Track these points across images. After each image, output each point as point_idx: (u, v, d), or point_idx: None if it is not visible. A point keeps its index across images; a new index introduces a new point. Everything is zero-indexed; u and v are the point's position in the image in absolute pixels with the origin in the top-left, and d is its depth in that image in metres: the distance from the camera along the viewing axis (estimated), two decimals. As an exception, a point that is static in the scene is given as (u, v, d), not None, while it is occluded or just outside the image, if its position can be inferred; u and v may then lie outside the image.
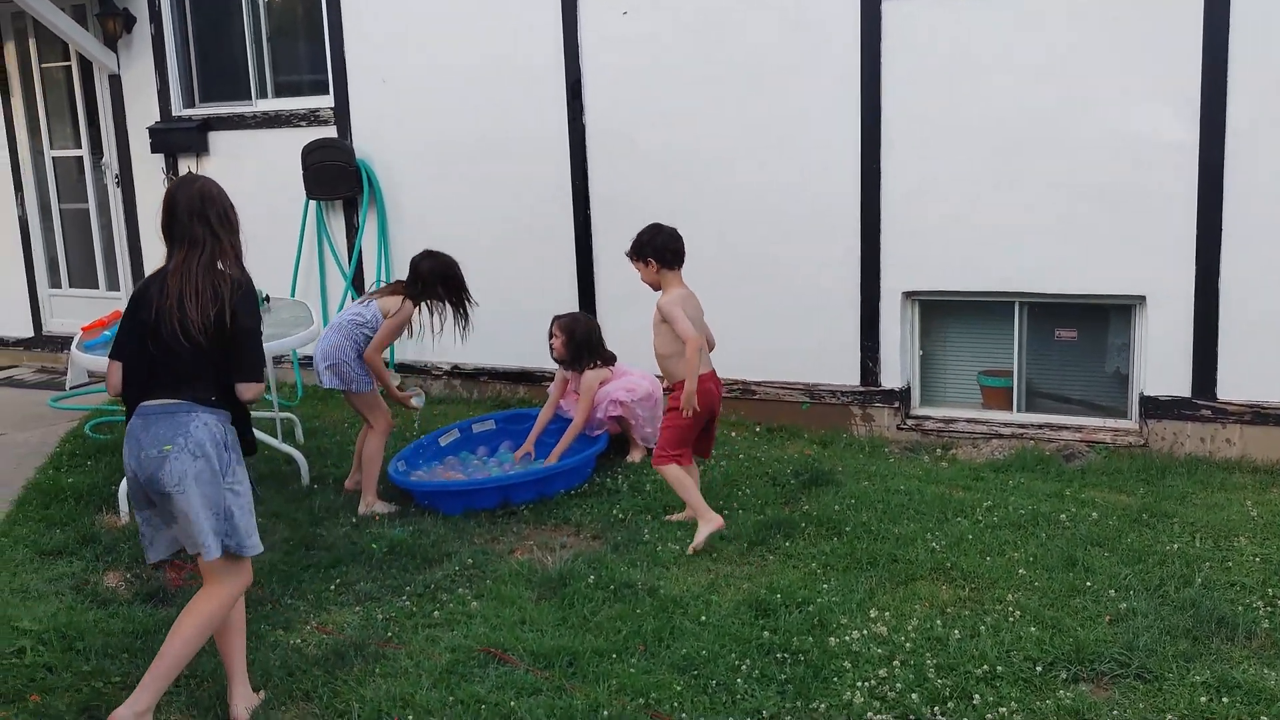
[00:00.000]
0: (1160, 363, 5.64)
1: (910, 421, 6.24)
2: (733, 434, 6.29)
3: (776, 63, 6.17)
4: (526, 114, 6.86)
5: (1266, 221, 5.31)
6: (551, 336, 5.86)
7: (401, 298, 5.37)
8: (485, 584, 4.40)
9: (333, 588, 4.46)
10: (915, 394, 6.33)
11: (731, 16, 6.23)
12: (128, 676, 3.78)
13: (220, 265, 3.39)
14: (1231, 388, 5.48)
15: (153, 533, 3.57)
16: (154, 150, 8.16)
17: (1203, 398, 5.55)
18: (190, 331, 3.32)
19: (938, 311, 6.27)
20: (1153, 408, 5.68)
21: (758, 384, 6.53)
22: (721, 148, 6.37)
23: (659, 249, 4.74)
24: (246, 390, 3.44)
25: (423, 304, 5.41)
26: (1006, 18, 5.69)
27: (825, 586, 4.22)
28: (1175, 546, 4.45)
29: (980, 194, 5.85)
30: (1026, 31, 5.66)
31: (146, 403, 3.44)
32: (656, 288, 4.81)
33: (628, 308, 6.13)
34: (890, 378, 6.22)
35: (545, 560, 4.55)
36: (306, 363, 7.79)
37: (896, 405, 6.22)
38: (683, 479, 4.76)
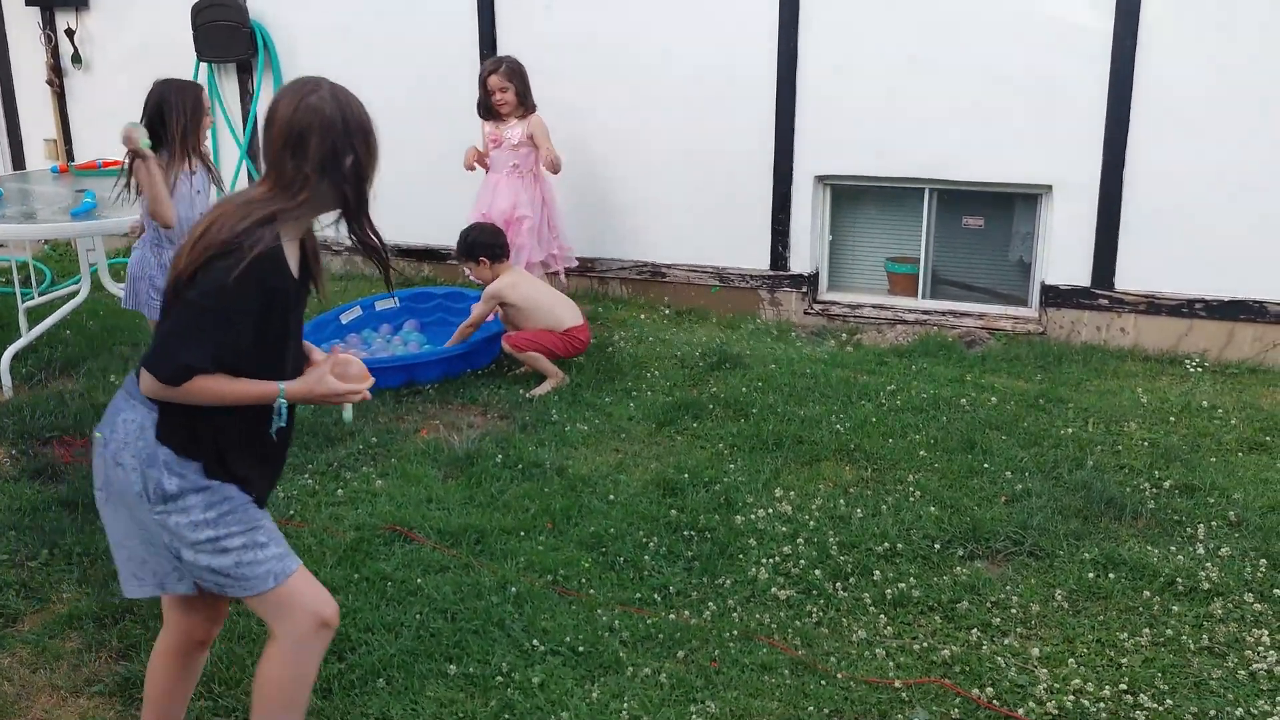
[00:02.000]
0: (1062, 252, 5.73)
1: (818, 306, 6.27)
2: (642, 316, 6.26)
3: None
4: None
5: (1173, 115, 5.37)
6: (491, 92, 5.77)
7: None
8: (390, 462, 4.33)
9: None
10: (824, 279, 6.35)
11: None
12: (15, 555, 3.65)
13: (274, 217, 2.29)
14: (1129, 279, 5.61)
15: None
16: (29, 3, 7.60)
17: (1101, 288, 5.67)
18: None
19: (848, 197, 6.26)
20: (1053, 296, 5.79)
21: (668, 266, 6.47)
22: (633, 24, 6.17)
23: (488, 245, 5.26)
24: (141, 380, 2.28)
25: None
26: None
27: (732, 466, 4.25)
28: (1069, 431, 4.59)
29: (895, 78, 5.79)
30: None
31: None
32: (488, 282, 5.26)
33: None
34: (799, 262, 6.22)
35: (452, 439, 4.50)
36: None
37: (805, 290, 6.24)
38: (536, 356, 5.10)
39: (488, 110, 5.83)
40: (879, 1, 5.74)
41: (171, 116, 4.29)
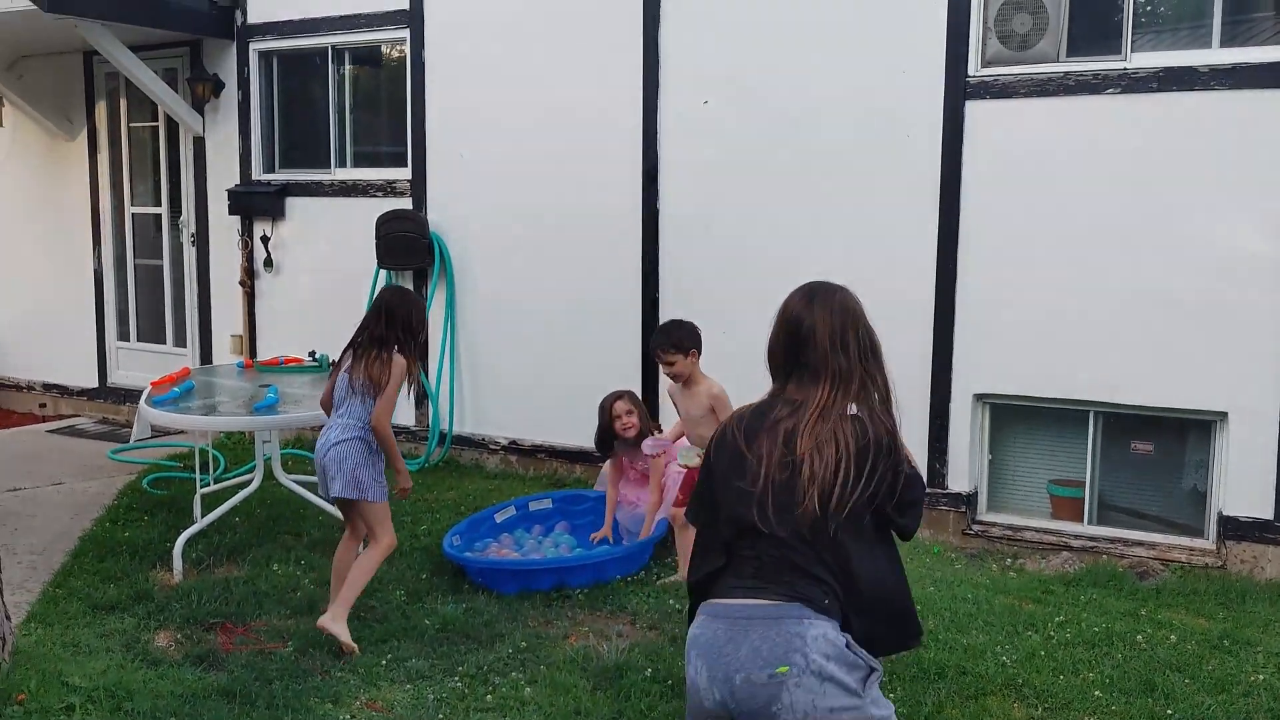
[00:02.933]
0: (1241, 482, 5.46)
1: (977, 527, 6.08)
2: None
3: (854, 160, 6.17)
4: (603, 194, 6.91)
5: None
6: (617, 417, 5.64)
7: (387, 356, 4.55)
8: (539, 669, 4.29)
9: (384, 663, 4.37)
10: (983, 499, 6.18)
11: (810, 111, 6.26)
12: (175, 742, 3.71)
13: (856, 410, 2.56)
14: (1317, 512, 5.30)
15: None
16: (231, 212, 8.32)
17: (1286, 521, 5.35)
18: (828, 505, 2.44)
19: (1008, 416, 6.15)
20: (1232, 528, 5.48)
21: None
22: (794, 244, 6.34)
23: (697, 338, 5.15)
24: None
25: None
26: (1089, 122, 5.65)
27: (892, 696, 4.05)
28: (1261, 678, 4.25)
29: (1058, 299, 5.76)
30: (1111, 134, 5.61)
31: (729, 601, 2.50)
32: (681, 378, 5.15)
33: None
34: (958, 481, 6.08)
35: (600, 649, 4.44)
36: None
37: (963, 509, 6.07)
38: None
39: (610, 439, 5.74)
40: (1042, 219, 5.77)
41: (414, 323, 4.64)
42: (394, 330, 4.58)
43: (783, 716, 2.37)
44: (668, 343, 5.12)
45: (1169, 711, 3.95)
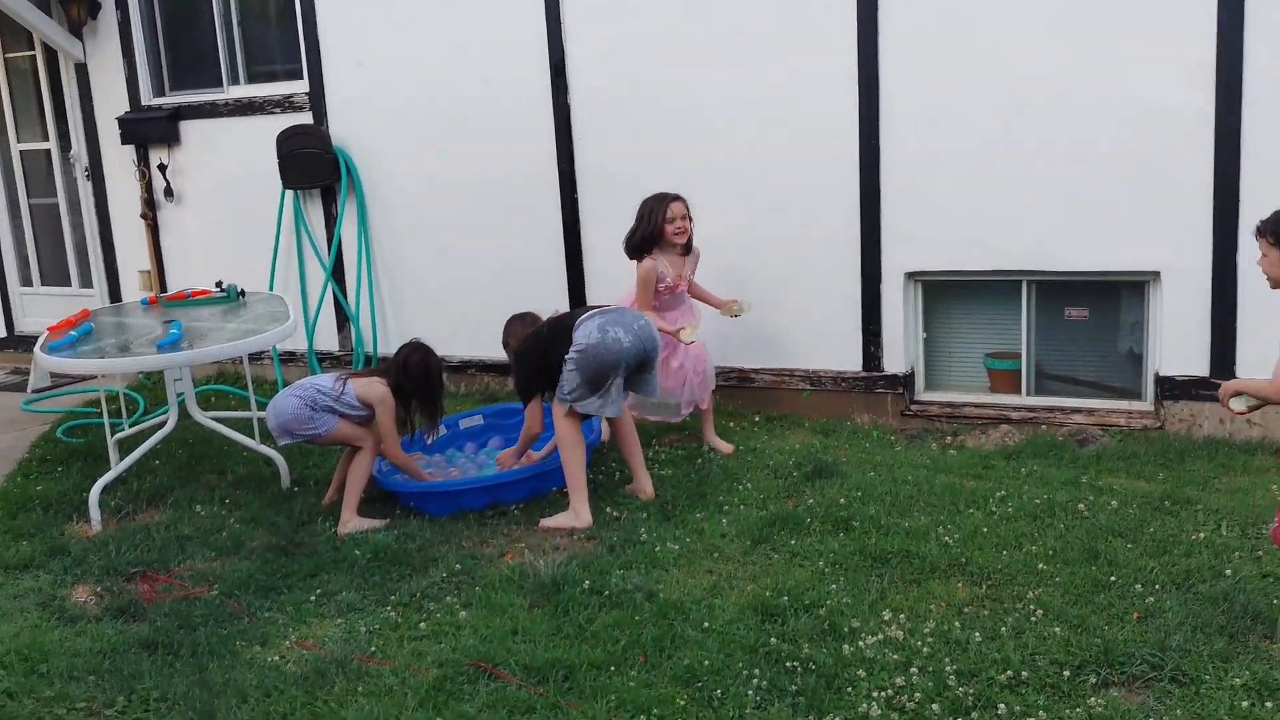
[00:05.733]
0: (1176, 341, 5.41)
1: (915, 407, 6.01)
2: (731, 424, 6.05)
3: (768, 26, 5.89)
4: (511, 91, 6.59)
5: (1270, 195, 5.07)
6: (673, 219, 5.41)
7: (385, 386, 5.04)
8: (474, 591, 4.15)
9: (313, 598, 4.21)
10: (920, 379, 6.09)
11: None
12: (93, 701, 3.54)
13: None
14: (1253, 365, 5.23)
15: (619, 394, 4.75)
16: (124, 141, 7.87)
17: (1222, 377, 5.29)
18: None
19: (941, 292, 6.03)
20: (1169, 388, 5.45)
21: (755, 371, 6.28)
22: (717, 123, 6.10)
23: None
24: None
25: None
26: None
27: (834, 587, 3.98)
28: (1201, 535, 4.23)
29: (984, 167, 5.60)
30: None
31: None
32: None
33: (618, 288, 5.85)
34: (894, 362, 5.98)
35: (537, 565, 4.30)
36: (287, 359, 7.54)
37: (900, 391, 5.98)
38: None
39: (653, 244, 5.44)
40: (965, 86, 5.57)
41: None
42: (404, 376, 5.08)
43: None
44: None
45: (1112, 578, 3.91)
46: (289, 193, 7.35)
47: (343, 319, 7.38)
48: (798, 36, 5.85)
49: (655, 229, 5.40)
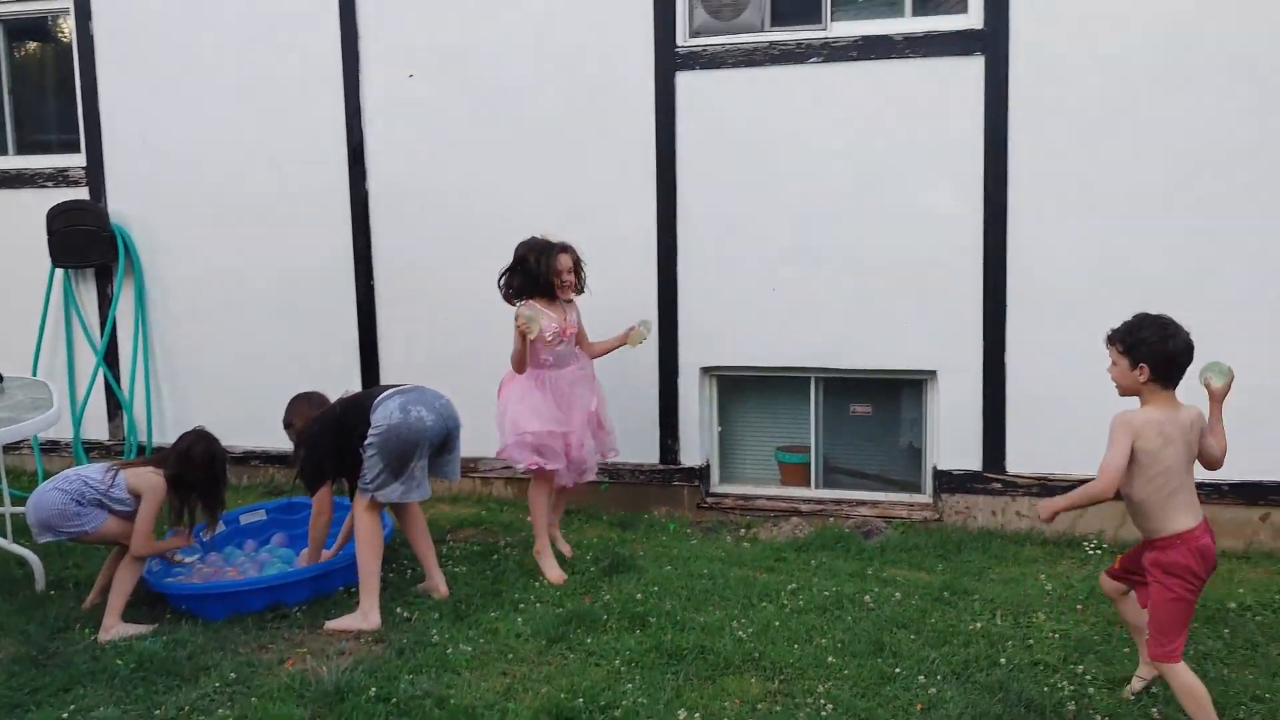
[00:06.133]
0: (952, 437, 5.69)
1: (710, 500, 6.08)
2: (527, 519, 5.95)
3: (572, 133, 6.00)
4: (306, 175, 6.43)
5: (1043, 299, 5.46)
6: (560, 272, 5.05)
7: (159, 475, 4.67)
8: (250, 703, 3.86)
9: (66, 715, 3.83)
10: (715, 471, 6.19)
11: (523, 84, 6.04)
12: None
13: None
14: (1020, 461, 5.58)
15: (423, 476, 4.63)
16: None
17: (993, 471, 5.62)
18: None
19: (736, 387, 6.17)
20: (946, 482, 5.71)
21: (554, 464, 6.23)
22: (522, 215, 6.11)
23: (1161, 357, 3.43)
24: None
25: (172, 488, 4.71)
26: (797, 91, 5.71)
27: (630, 686, 3.92)
28: (978, 625, 4.40)
29: (777, 270, 5.81)
30: (818, 103, 5.69)
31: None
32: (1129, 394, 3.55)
33: (414, 379, 5.70)
34: (690, 455, 6.05)
35: (320, 671, 4.06)
36: (50, 449, 6.99)
37: (696, 483, 6.05)
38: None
39: (535, 293, 5.05)
40: (759, 189, 5.79)
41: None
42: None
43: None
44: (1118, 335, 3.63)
45: (897, 670, 4.00)
46: (59, 271, 6.89)
47: (115, 406, 6.92)
48: (599, 140, 5.97)
49: (542, 277, 5.01)
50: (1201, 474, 3.52)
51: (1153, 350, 3.42)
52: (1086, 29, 5.31)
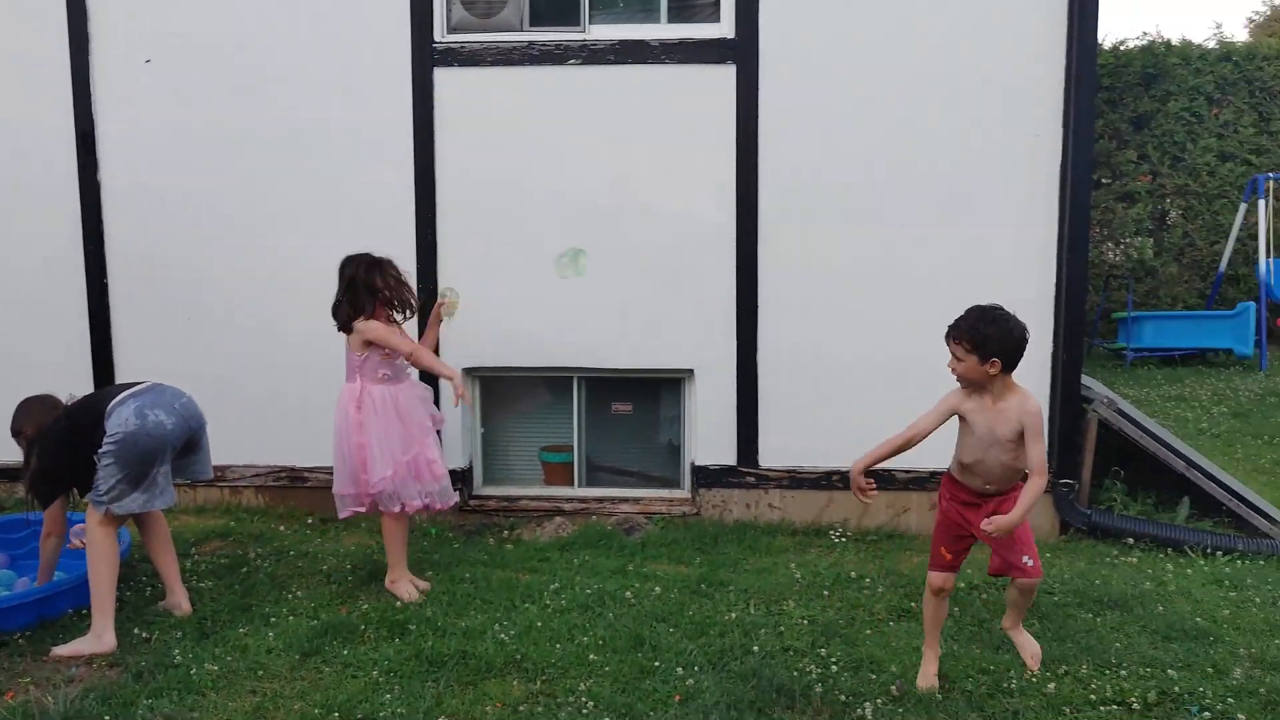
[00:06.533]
0: (708, 433, 5.86)
1: (474, 502, 6.02)
2: (281, 528, 5.72)
3: (327, 129, 5.79)
4: (31, 167, 5.93)
5: (792, 300, 5.71)
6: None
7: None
8: (-39, 742, 3.53)
9: None
10: (478, 473, 6.12)
11: (275, 75, 5.78)
12: None
13: None
14: (772, 455, 5.81)
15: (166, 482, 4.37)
16: None
17: (747, 465, 5.82)
18: None
19: (499, 388, 6.13)
20: (703, 477, 5.88)
21: (309, 470, 6.00)
22: (268, 219, 5.86)
23: (1010, 348, 3.65)
24: None
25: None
26: (557, 92, 5.73)
27: (389, 697, 3.82)
28: (733, 616, 4.55)
29: (539, 269, 5.81)
30: (578, 105, 5.73)
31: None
32: (972, 382, 3.73)
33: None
34: (452, 457, 5.95)
35: (45, 702, 3.74)
36: None
37: (459, 486, 5.97)
38: None
39: (370, 310, 4.78)
40: (517, 194, 5.77)
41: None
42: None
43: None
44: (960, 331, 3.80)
45: (656, 663, 4.08)
46: None
47: None
48: (355, 136, 5.79)
49: (377, 292, 4.78)
50: (933, 462, 3.75)
51: (1002, 344, 3.62)
52: (829, 42, 5.58)
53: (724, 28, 5.65)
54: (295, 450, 5.97)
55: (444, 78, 5.73)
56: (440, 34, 5.74)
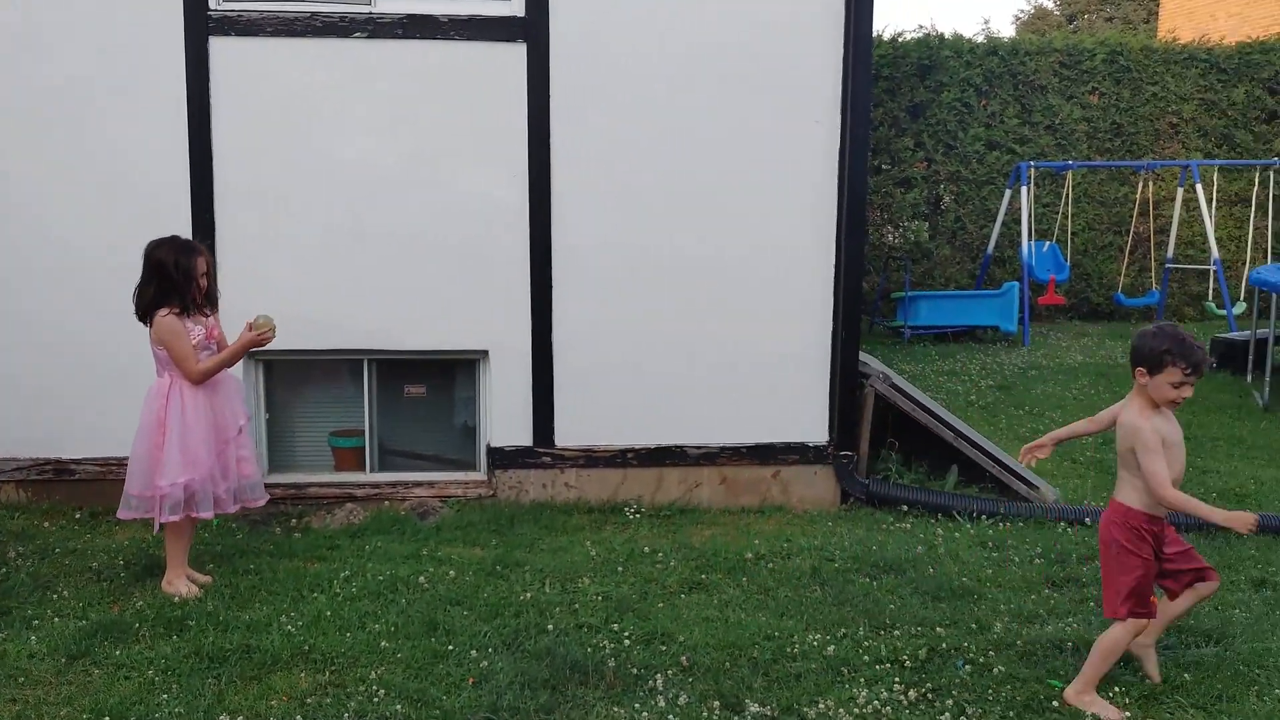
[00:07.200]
0: (504, 415, 5.84)
1: (259, 491, 5.79)
2: (46, 524, 5.36)
3: (99, 101, 5.43)
4: None
5: (586, 279, 5.74)
6: (203, 274, 4.65)
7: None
8: None
9: None
10: (263, 461, 5.90)
11: (34, 40, 5.38)
12: None
13: None
14: (567, 435, 5.84)
15: None
16: None
17: (543, 445, 5.84)
18: None
19: (285, 372, 5.92)
20: (499, 458, 5.85)
21: (76, 462, 5.64)
22: (23, 196, 5.45)
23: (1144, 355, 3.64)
24: None
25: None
26: (341, 65, 5.55)
27: (166, 697, 3.65)
28: (529, 595, 4.56)
29: (327, 251, 5.63)
30: (364, 79, 5.58)
31: None
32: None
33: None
34: (234, 445, 5.72)
35: None
36: None
37: (243, 475, 5.74)
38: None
39: (173, 300, 4.53)
40: (300, 170, 5.58)
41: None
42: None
43: None
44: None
45: (450, 647, 4.05)
46: None
47: None
48: (125, 107, 5.46)
49: (184, 282, 4.52)
50: (722, 438, 3.86)
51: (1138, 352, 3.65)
52: (623, 23, 5.63)
53: (514, 5, 5.61)
54: (61, 442, 5.59)
55: (220, 47, 5.47)
56: (216, 1, 5.46)
